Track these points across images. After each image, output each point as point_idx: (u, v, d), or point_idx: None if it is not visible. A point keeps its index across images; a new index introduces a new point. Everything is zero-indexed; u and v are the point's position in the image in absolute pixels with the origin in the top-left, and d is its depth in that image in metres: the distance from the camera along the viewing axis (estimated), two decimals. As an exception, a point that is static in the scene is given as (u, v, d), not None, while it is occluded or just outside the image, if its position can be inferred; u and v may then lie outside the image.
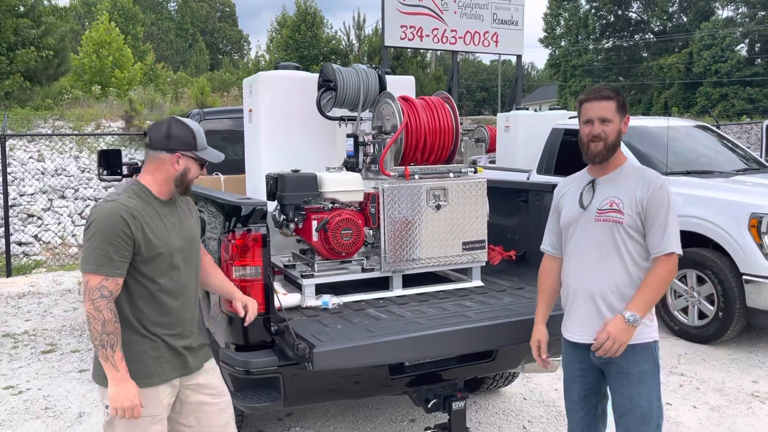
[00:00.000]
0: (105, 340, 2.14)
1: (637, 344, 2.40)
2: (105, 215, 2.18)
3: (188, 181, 2.36)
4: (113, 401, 2.18)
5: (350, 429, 3.98)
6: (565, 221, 2.58)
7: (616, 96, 2.47)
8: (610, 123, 2.44)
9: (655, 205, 2.38)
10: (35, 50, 15.45)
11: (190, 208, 2.53)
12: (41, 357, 5.44)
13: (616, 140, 2.46)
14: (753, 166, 6.73)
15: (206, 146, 2.39)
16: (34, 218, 10.44)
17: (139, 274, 2.25)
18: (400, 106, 3.44)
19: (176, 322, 2.36)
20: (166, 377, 2.34)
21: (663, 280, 2.37)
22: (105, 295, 2.15)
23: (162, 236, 2.28)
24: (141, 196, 2.29)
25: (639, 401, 2.41)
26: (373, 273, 3.37)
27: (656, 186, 2.40)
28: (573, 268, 2.54)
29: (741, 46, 36.69)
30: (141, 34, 33.01)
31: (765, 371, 4.93)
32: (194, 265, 2.45)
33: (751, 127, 18.60)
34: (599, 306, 2.44)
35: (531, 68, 65.66)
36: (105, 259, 2.15)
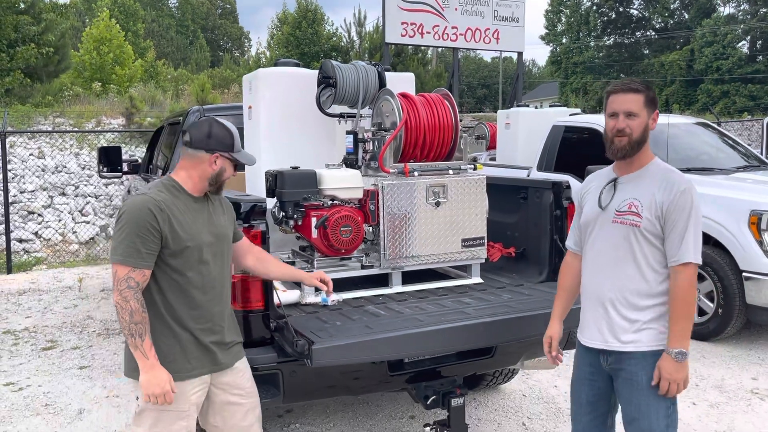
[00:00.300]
0: (133, 330, 2.21)
1: (648, 351, 2.31)
2: (134, 208, 2.26)
3: (222, 181, 2.43)
4: (145, 388, 2.24)
5: (350, 425, 3.99)
6: (585, 220, 2.50)
7: (646, 89, 2.34)
8: (636, 117, 2.31)
9: (676, 210, 2.26)
10: (35, 47, 15.43)
11: (223, 205, 2.57)
12: (41, 354, 5.45)
13: (641, 136, 2.33)
14: (753, 163, 6.72)
15: (241, 148, 2.44)
16: (35, 215, 10.45)
17: (168, 267, 2.31)
18: (399, 103, 3.44)
19: (205, 317, 2.39)
20: (194, 373, 2.38)
21: (685, 297, 2.26)
22: (132, 286, 2.21)
23: (190, 230, 2.33)
24: (171, 191, 2.36)
25: (647, 411, 2.31)
26: (373, 270, 3.38)
27: (679, 190, 2.27)
28: (588, 269, 2.48)
29: (742, 43, 36.62)
30: (141, 30, 32.96)
31: (764, 368, 4.93)
32: (224, 262, 2.49)
33: (752, 124, 18.57)
34: (609, 311, 2.37)
35: (532, 65, 65.59)
36: (132, 250, 2.21)
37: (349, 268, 3.39)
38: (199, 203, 2.43)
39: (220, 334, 2.45)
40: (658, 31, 42.46)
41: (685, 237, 2.25)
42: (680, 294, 2.26)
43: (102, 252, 10.25)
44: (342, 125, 3.91)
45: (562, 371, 4.83)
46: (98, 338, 5.84)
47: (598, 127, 6.74)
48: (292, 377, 2.86)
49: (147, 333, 2.23)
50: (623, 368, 2.35)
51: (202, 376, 2.39)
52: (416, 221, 3.34)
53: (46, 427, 4.05)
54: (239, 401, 2.51)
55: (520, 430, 3.94)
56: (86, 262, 9.80)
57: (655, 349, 2.31)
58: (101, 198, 11.20)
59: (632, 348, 2.33)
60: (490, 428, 3.96)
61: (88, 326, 6.22)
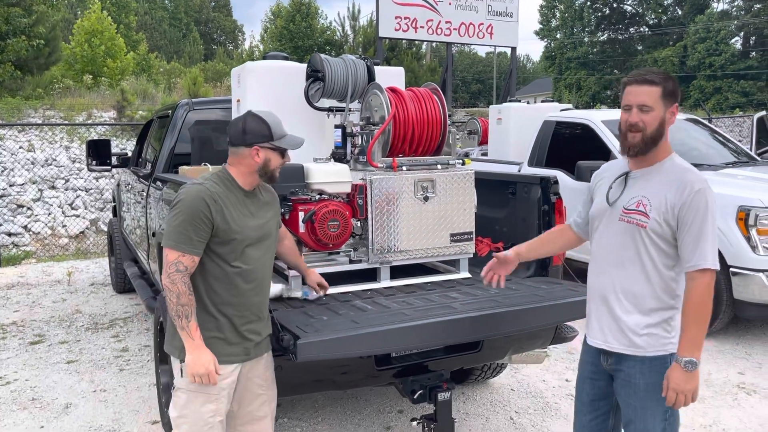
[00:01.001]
0: (180, 311, 2.31)
1: (647, 356, 2.23)
2: (190, 197, 2.36)
3: (272, 171, 2.50)
4: (189, 368, 2.35)
5: (338, 420, 3.99)
6: (593, 213, 2.41)
7: (663, 81, 2.18)
8: (651, 111, 2.16)
9: (690, 212, 2.12)
10: (26, 39, 15.31)
11: (273, 201, 2.67)
12: (29, 348, 5.42)
13: (656, 132, 2.18)
14: (743, 159, 6.75)
15: (284, 134, 2.51)
16: (24, 209, 10.39)
17: (215, 255, 2.40)
18: (388, 97, 3.42)
19: (246, 305, 2.48)
20: (230, 359, 2.46)
21: (701, 304, 2.12)
22: (180, 270, 2.31)
23: (239, 222, 2.42)
24: (226, 184, 2.46)
25: (644, 414, 2.24)
26: (361, 264, 3.37)
27: (692, 191, 2.12)
28: (594, 267, 2.40)
29: (736, 39, 36.76)
30: (134, 23, 32.72)
31: (751, 363, 4.96)
32: (267, 255, 2.58)
33: (744, 121, 18.66)
34: (610, 311, 2.30)
35: (526, 60, 65.62)
36: (184, 237, 2.32)
37: (337, 262, 3.38)
38: (250, 197, 2.52)
39: (257, 324, 2.53)
40: (651, 27, 42.56)
41: (701, 241, 2.12)
42: (695, 301, 2.13)
43: (92, 246, 10.21)
44: (330, 119, 3.90)
45: (550, 366, 4.85)
46: (86, 333, 5.82)
47: (589, 122, 6.75)
48: (279, 372, 2.85)
49: (193, 315, 2.33)
50: (622, 369, 2.29)
51: (236, 363, 2.48)
52: (404, 216, 3.34)
53: (33, 421, 4.04)
54: (259, 391, 2.60)
55: (507, 424, 3.95)
56: (76, 256, 9.75)
57: (653, 355, 2.23)
58: (91, 191, 11.14)
59: (631, 351, 2.26)
60: (478, 422, 3.97)
61: (76, 320, 6.20)
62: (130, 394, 4.42)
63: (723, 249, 5.22)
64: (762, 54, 35.44)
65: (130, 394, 4.42)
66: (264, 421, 2.65)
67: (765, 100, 31.82)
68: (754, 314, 5.25)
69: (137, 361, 5.05)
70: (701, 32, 35.67)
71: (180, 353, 2.42)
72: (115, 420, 4.03)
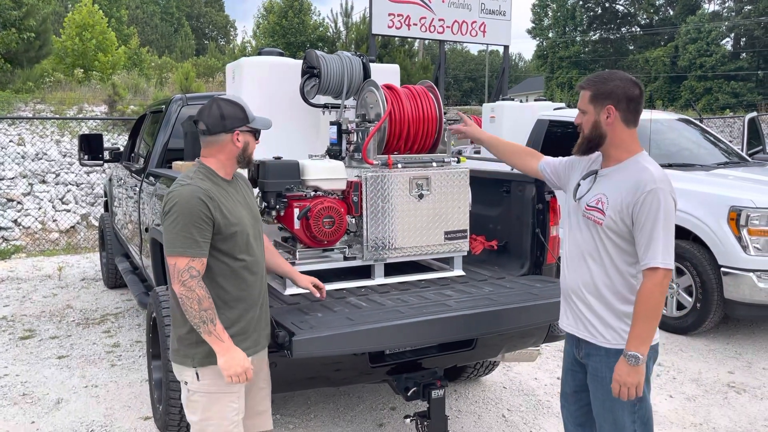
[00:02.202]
0: (204, 317, 2.25)
1: (611, 349, 2.30)
2: (185, 199, 2.29)
3: (249, 155, 2.47)
4: (226, 370, 2.28)
5: (331, 417, 3.99)
6: (565, 206, 2.55)
7: (595, 84, 2.30)
8: (585, 114, 2.33)
9: (642, 212, 2.18)
10: (16, 32, 15.17)
11: (248, 187, 2.63)
12: (19, 343, 5.38)
13: (591, 133, 2.31)
14: (734, 159, 6.80)
15: (255, 116, 2.47)
16: (14, 203, 10.30)
17: (219, 253, 2.35)
18: (383, 95, 3.42)
19: (253, 296, 2.46)
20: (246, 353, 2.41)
21: (650, 302, 2.17)
22: (194, 275, 2.25)
23: (236, 214, 2.39)
24: (211, 178, 2.40)
25: (612, 406, 2.31)
26: (355, 261, 3.37)
27: (645, 191, 2.18)
28: (564, 261, 2.50)
29: (726, 40, 37.00)
30: (125, 17, 32.45)
31: (741, 362, 5.01)
32: (262, 243, 2.57)
33: (734, 121, 18.79)
34: (575, 303, 2.42)
35: (518, 59, 65.73)
36: (190, 241, 2.26)
37: (331, 259, 3.38)
38: (233, 186, 2.48)
39: (261, 314, 2.52)
40: (643, 27, 42.76)
41: (652, 240, 2.17)
42: (643, 298, 2.18)
43: (83, 241, 10.14)
44: (326, 116, 3.89)
45: (542, 364, 4.87)
46: (77, 328, 5.79)
47: (582, 121, 6.77)
48: (273, 368, 2.84)
49: (216, 317, 2.28)
50: (589, 363, 2.39)
51: (250, 356, 2.44)
52: (399, 213, 3.34)
53: (24, 416, 4.01)
54: (262, 385, 2.60)
55: (499, 421, 3.97)
56: (66, 251, 9.68)
57: (617, 348, 2.29)
58: (82, 186, 11.07)
59: (595, 341, 2.35)
60: (470, 420, 3.98)
61: (67, 315, 6.16)
62: (122, 389, 4.40)
63: (714, 249, 5.26)
64: (752, 55, 35.71)
65: (121, 389, 4.40)
66: (264, 416, 2.64)
67: (755, 101, 32.06)
68: (745, 314, 5.30)
69: (129, 356, 5.03)
70: (692, 33, 35.87)
71: (196, 361, 2.35)
72: (107, 416, 4.01)
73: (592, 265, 2.34)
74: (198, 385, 2.39)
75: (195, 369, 2.36)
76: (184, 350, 2.38)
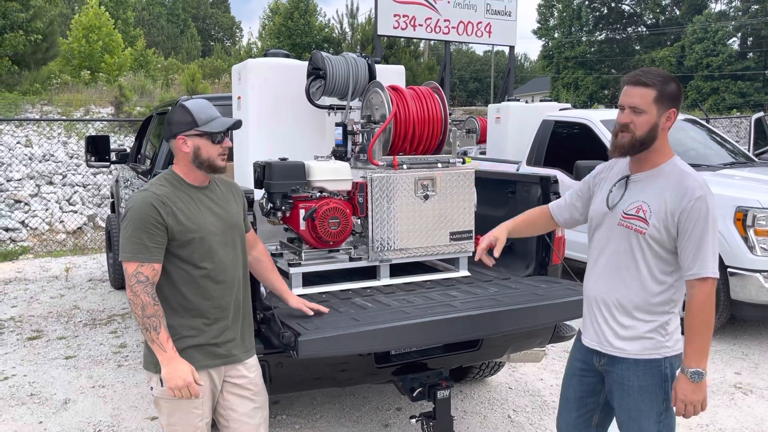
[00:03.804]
0: (147, 323, 2.21)
1: (640, 359, 2.22)
2: (137, 204, 2.26)
3: (206, 159, 2.35)
4: (167, 382, 2.23)
5: (337, 417, 4.00)
6: (592, 214, 2.39)
7: (661, 84, 2.13)
8: (643, 114, 2.14)
9: (690, 219, 2.09)
10: (24, 34, 15.27)
11: (235, 194, 2.54)
12: (27, 343, 5.42)
13: (646, 135, 2.15)
14: (740, 159, 6.77)
15: (213, 118, 2.36)
16: (22, 204, 10.37)
17: (177, 259, 2.30)
18: (389, 96, 3.43)
19: (219, 306, 2.37)
20: (207, 363, 2.36)
21: (704, 313, 2.10)
22: (141, 281, 2.20)
23: (195, 220, 2.32)
24: (173, 183, 2.36)
25: (638, 416, 2.24)
26: (361, 262, 3.38)
27: (693, 197, 2.09)
28: (592, 270, 2.37)
29: (733, 39, 36.82)
30: (131, 19, 32.61)
31: (748, 363, 4.99)
32: (237, 251, 2.45)
33: (741, 121, 18.71)
34: (605, 315, 2.30)
35: (524, 59, 65.63)
36: (140, 246, 2.22)
37: (337, 260, 3.38)
38: (204, 192, 2.40)
39: (233, 324, 2.42)
40: (649, 27, 42.63)
41: (702, 249, 2.08)
42: (697, 309, 2.10)
43: (89, 242, 10.19)
44: (331, 117, 3.90)
45: (548, 365, 4.87)
46: (84, 328, 5.82)
47: (588, 122, 6.77)
48: (279, 369, 2.86)
49: (162, 325, 2.21)
50: (614, 371, 2.29)
51: (216, 367, 2.39)
52: (404, 214, 3.35)
53: (32, 416, 4.04)
54: (250, 396, 2.50)
55: (505, 422, 3.96)
56: (73, 252, 9.73)
57: (647, 358, 2.23)
58: (89, 187, 11.12)
59: (625, 354, 2.25)
60: (476, 420, 3.98)
61: (74, 316, 6.19)
62: (129, 390, 4.42)
63: (720, 249, 5.24)
64: (759, 55, 35.53)
65: (128, 390, 4.42)
66: (259, 429, 2.55)
67: (762, 101, 31.91)
68: (751, 314, 5.28)
69: (135, 357, 5.05)
70: (699, 33, 35.73)
71: (154, 367, 2.31)
72: (114, 416, 4.03)
73: (629, 275, 2.23)
74: (161, 390, 2.33)
75: (159, 375, 2.31)
76: (150, 356, 2.33)
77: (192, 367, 2.26)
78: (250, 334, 2.54)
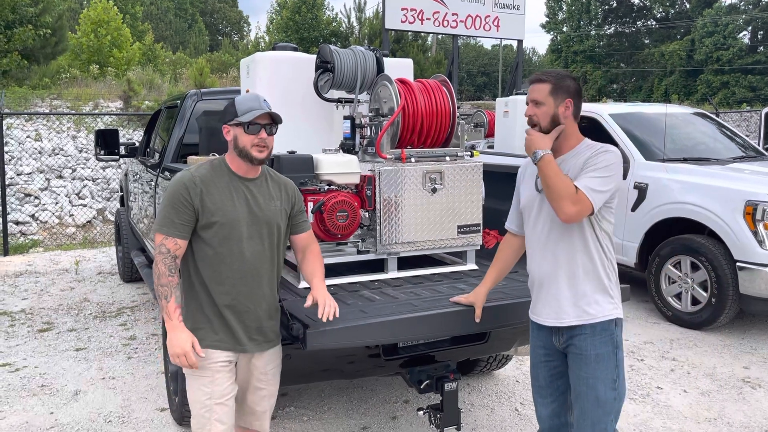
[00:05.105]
0: (159, 291, 2.36)
1: (596, 323, 2.40)
2: (173, 182, 2.44)
3: (242, 148, 2.45)
4: (168, 348, 2.36)
5: (344, 409, 4.02)
6: (524, 203, 2.59)
7: (555, 79, 2.44)
8: (542, 106, 2.43)
9: (588, 165, 2.35)
10: (33, 29, 15.33)
11: (282, 192, 2.60)
12: (38, 335, 5.47)
13: (549, 125, 2.43)
14: (750, 153, 6.74)
15: (251, 110, 2.45)
16: (32, 198, 10.44)
17: (200, 239, 2.44)
18: (397, 89, 3.43)
19: (231, 294, 2.45)
20: (219, 345, 2.45)
21: (559, 183, 2.32)
22: (162, 252, 2.36)
23: (222, 206, 2.42)
24: (216, 168, 2.49)
25: (594, 383, 2.40)
26: (369, 255, 3.38)
27: (600, 150, 2.38)
28: (534, 250, 2.54)
29: (743, 33, 36.48)
30: (140, 13, 32.66)
31: (756, 357, 4.97)
32: (264, 246, 2.51)
33: (751, 115, 18.57)
34: (560, 288, 2.44)
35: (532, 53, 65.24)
36: (167, 220, 2.38)
37: (345, 253, 3.40)
38: (246, 183, 2.50)
39: (247, 315, 2.48)
40: (659, 20, 42.29)
41: (588, 174, 2.32)
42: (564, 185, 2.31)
43: (99, 235, 10.26)
44: (339, 110, 3.91)
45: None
46: (94, 321, 5.86)
47: (597, 115, 6.74)
48: (287, 360, 2.87)
49: (172, 296, 2.34)
50: (573, 344, 2.44)
51: (226, 350, 2.47)
52: (412, 207, 3.35)
53: (43, 407, 4.08)
54: (259, 385, 2.59)
55: (512, 415, 3.97)
56: (83, 245, 9.80)
57: (602, 320, 2.40)
58: (98, 181, 11.18)
59: (582, 321, 2.40)
60: (483, 413, 3.99)
61: (84, 309, 6.24)
62: (139, 381, 4.46)
63: (729, 243, 5.23)
64: (770, 48, 35.20)
65: (138, 381, 4.46)
66: (263, 416, 2.65)
67: (772, 95, 31.64)
68: (760, 309, 5.26)
69: (145, 349, 5.09)
70: (709, 26, 35.42)
71: None
72: (124, 407, 4.07)
73: (572, 246, 2.41)
74: None
75: None
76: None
77: (194, 338, 2.37)
78: (271, 329, 2.59)
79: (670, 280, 5.73)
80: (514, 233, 2.76)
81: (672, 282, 5.71)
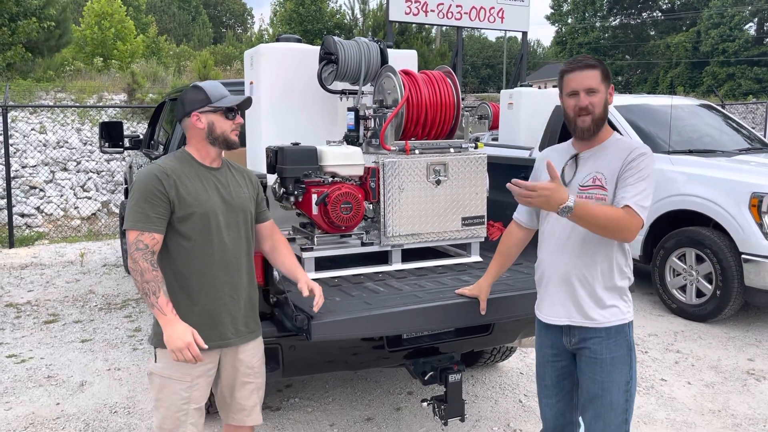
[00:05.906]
0: (146, 288, 2.24)
1: (611, 327, 2.31)
2: (143, 176, 2.34)
3: (220, 134, 2.41)
4: (168, 344, 2.23)
5: (349, 400, 4.04)
6: None
7: (600, 64, 2.30)
8: (597, 93, 2.27)
9: (630, 169, 2.21)
10: (37, 21, 15.33)
11: (247, 179, 2.56)
12: (43, 327, 5.50)
13: (603, 112, 2.29)
14: (756, 145, 6.70)
15: (225, 95, 2.42)
16: (36, 190, 10.47)
17: (176, 233, 2.34)
18: (401, 80, 3.42)
19: (215, 286, 2.37)
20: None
21: (612, 217, 2.15)
22: (140, 248, 2.25)
23: (197, 196, 2.35)
24: (182, 161, 2.42)
25: (609, 387, 2.32)
26: (373, 247, 3.39)
27: (637, 153, 2.24)
28: (551, 246, 2.40)
29: (750, 25, 36.24)
30: (143, 6, 32.63)
31: (761, 350, 4.97)
32: (240, 234, 2.45)
33: (757, 107, 18.48)
34: (577, 289, 2.33)
35: (537, 45, 65.02)
36: (141, 215, 2.28)
37: (349, 245, 3.40)
38: (213, 173, 2.44)
39: (233, 307, 2.42)
40: (664, 12, 42.04)
41: (635, 185, 2.18)
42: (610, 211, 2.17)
43: (104, 228, 10.29)
44: (343, 102, 3.90)
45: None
46: (100, 312, 5.89)
47: (601, 107, 6.71)
48: (292, 352, 2.88)
49: (161, 290, 2.24)
50: (587, 347, 2.34)
51: (210, 352, 2.37)
52: (416, 199, 3.35)
53: (49, 398, 4.11)
54: (246, 380, 2.51)
55: (516, 407, 3.98)
56: (88, 238, 9.83)
57: (617, 324, 2.32)
58: (103, 174, 11.21)
59: (598, 324, 2.31)
60: (487, 405, 4.00)
61: (89, 300, 6.27)
62: (144, 372, 4.48)
63: (735, 235, 5.21)
64: (776, 40, 34.97)
65: (143, 372, 4.48)
66: (254, 410, 2.57)
67: (779, 86, 31.45)
68: (765, 301, 5.24)
69: (150, 341, 5.12)
70: (715, 18, 35.20)
71: (155, 341, 2.35)
72: (130, 398, 4.09)
73: (595, 246, 2.29)
74: (153, 366, 2.40)
75: (155, 349, 2.37)
76: (153, 329, 2.40)
77: (193, 329, 2.25)
78: (253, 319, 2.53)
79: (675, 272, 5.71)
80: (521, 225, 2.63)
81: (677, 274, 5.70)
